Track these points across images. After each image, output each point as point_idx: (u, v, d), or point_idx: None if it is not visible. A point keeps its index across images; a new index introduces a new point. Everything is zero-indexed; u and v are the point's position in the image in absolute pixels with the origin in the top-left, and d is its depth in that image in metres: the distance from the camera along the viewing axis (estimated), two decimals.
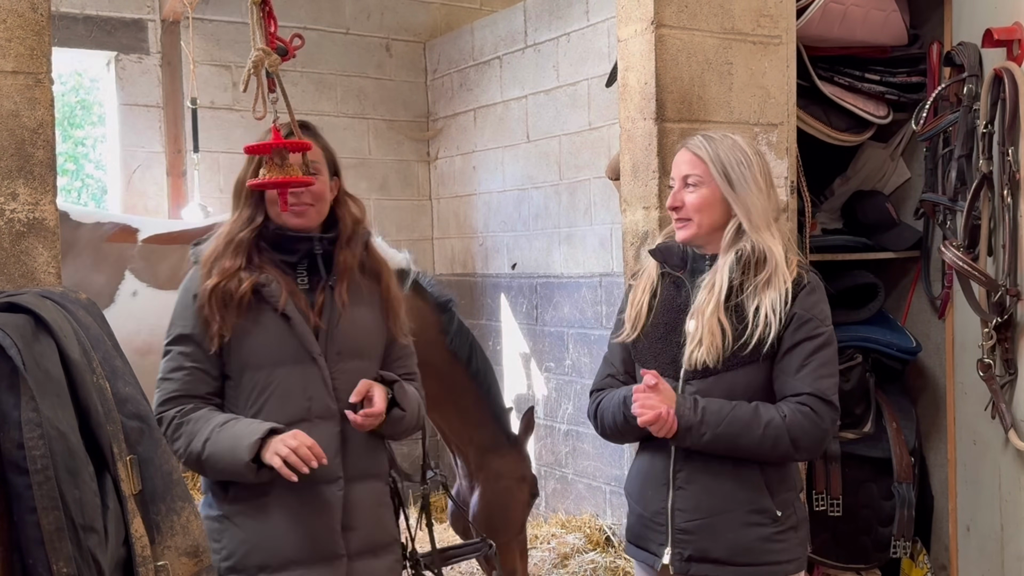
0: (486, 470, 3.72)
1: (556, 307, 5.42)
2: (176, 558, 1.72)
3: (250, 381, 2.21)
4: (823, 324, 2.26)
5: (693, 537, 2.24)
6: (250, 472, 2.08)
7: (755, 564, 2.22)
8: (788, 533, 2.27)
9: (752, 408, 2.20)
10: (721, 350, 2.21)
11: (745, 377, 2.24)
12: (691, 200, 2.29)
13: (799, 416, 2.19)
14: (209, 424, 2.13)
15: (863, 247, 3.46)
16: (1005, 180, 2.89)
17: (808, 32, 3.17)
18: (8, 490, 1.53)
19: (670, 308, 2.34)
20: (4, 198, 2.10)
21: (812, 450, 2.27)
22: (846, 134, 3.38)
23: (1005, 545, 3.07)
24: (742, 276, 2.25)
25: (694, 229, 2.30)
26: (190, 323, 2.22)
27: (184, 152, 5.58)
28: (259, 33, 2.15)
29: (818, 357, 2.22)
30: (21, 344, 1.56)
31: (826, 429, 2.22)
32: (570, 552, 4.75)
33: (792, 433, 2.18)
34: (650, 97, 2.83)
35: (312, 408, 2.21)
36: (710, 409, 2.19)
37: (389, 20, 6.40)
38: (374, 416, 2.20)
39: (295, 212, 2.22)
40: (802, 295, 2.25)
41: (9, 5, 2.10)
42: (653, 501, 2.30)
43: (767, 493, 2.24)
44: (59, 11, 5.21)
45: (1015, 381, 2.91)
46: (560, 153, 5.38)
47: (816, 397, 2.20)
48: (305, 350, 2.20)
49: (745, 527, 2.22)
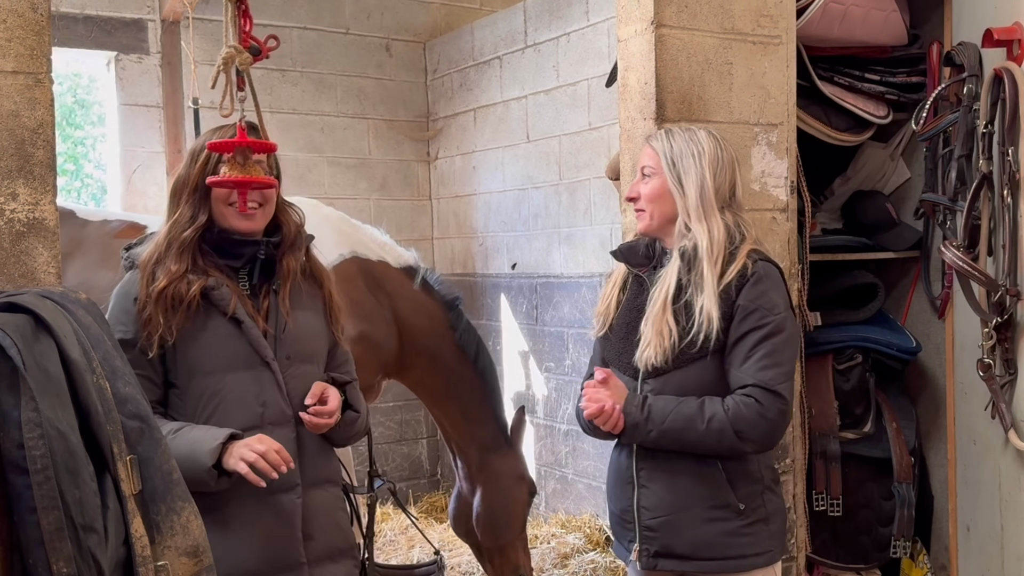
0: (487, 470, 3.73)
1: (556, 307, 5.42)
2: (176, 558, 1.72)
3: (199, 387, 2.14)
4: (770, 313, 2.22)
5: (657, 534, 2.27)
6: (211, 479, 2.01)
7: (720, 558, 2.25)
8: (756, 526, 2.27)
9: (698, 404, 2.21)
10: (668, 350, 2.22)
11: (696, 373, 2.24)
12: (644, 191, 2.34)
13: (742, 408, 2.18)
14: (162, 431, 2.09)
15: (863, 247, 3.46)
16: (1005, 180, 2.89)
17: (808, 32, 3.17)
18: (8, 490, 1.53)
19: (631, 308, 2.36)
20: (4, 198, 2.10)
21: (761, 441, 2.24)
22: (846, 134, 3.38)
23: (1005, 545, 3.07)
24: (689, 273, 2.25)
25: (647, 220, 2.34)
26: (131, 328, 2.14)
27: (184, 152, 5.57)
28: (232, 30, 2.15)
29: (763, 347, 2.20)
30: (21, 344, 1.56)
31: (772, 419, 2.20)
32: (570, 552, 4.75)
33: (736, 426, 2.18)
34: (650, 97, 2.83)
35: (266, 414, 2.16)
36: (656, 407, 2.21)
37: (389, 20, 6.40)
38: (328, 415, 2.16)
39: (245, 215, 2.18)
40: (747, 287, 2.22)
41: (9, 5, 2.10)
42: (621, 499, 2.35)
43: (728, 488, 2.25)
44: (59, 11, 5.21)
45: (1015, 381, 2.91)
46: (560, 153, 5.38)
47: (759, 387, 2.19)
48: (257, 355, 2.15)
49: (707, 522, 2.25)
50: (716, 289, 2.22)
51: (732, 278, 2.22)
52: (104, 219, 4.00)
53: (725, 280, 2.22)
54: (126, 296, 2.19)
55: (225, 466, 2.02)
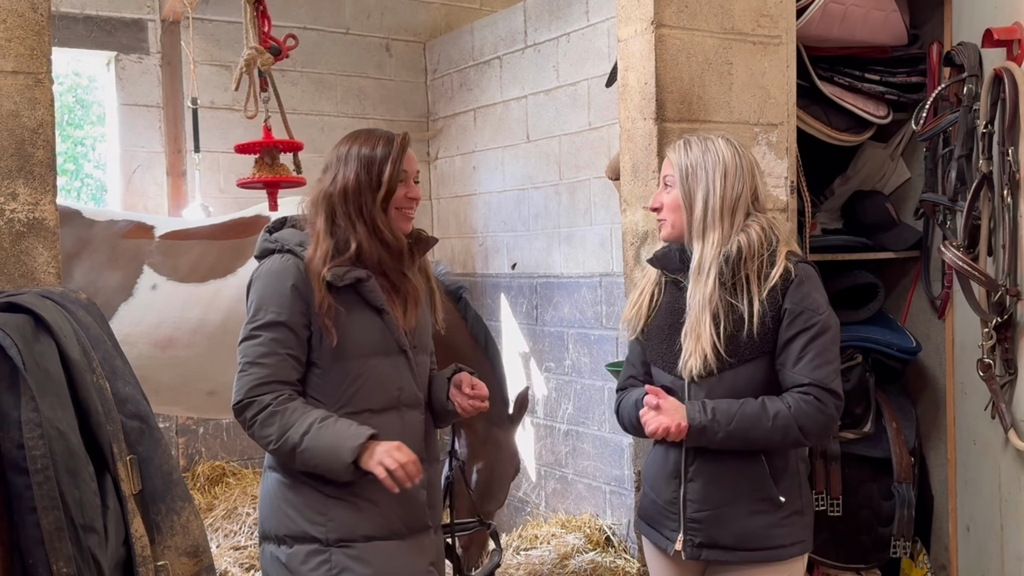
0: (491, 443, 3.92)
1: (556, 307, 5.42)
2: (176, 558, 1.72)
3: (343, 369, 2.29)
4: (816, 313, 2.32)
5: (703, 526, 2.36)
6: (348, 473, 2.18)
7: (761, 548, 2.35)
8: (793, 518, 2.37)
9: (759, 403, 2.29)
10: (712, 357, 2.30)
11: (745, 374, 2.33)
12: (666, 201, 2.42)
13: (804, 405, 2.28)
14: (307, 418, 2.20)
15: (863, 247, 3.46)
16: (1005, 180, 2.89)
17: (808, 32, 3.17)
18: (8, 490, 1.53)
19: (672, 310, 2.42)
20: (4, 198, 2.10)
21: (820, 435, 2.41)
22: (846, 134, 3.38)
23: (1005, 545, 3.07)
24: (733, 274, 2.32)
25: (669, 228, 2.42)
26: (285, 310, 2.25)
27: (184, 152, 5.58)
28: (252, 32, 2.17)
29: (814, 347, 2.30)
30: (21, 344, 1.56)
31: (831, 415, 2.32)
32: (570, 552, 4.75)
33: (799, 422, 2.28)
34: (650, 97, 2.83)
35: (402, 397, 2.34)
36: (720, 409, 2.28)
37: (389, 20, 6.40)
38: (483, 399, 2.41)
39: (408, 216, 2.37)
40: (791, 290, 2.32)
41: (9, 5, 2.10)
42: (666, 491, 2.42)
43: (771, 482, 2.35)
44: (59, 11, 5.21)
45: (1015, 381, 2.91)
46: (560, 153, 5.38)
47: (817, 386, 2.29)
48: (396, 343, 2.32)
49: (751, 515, 2.34)
50: (757, 292, 2.30)
51: (776, 281, 2.31)
52: (111, 219, 4.01)
53: (770, 283, 2.30)
54: (280, 279, 2.28)
55: (364, 465, 2.18)
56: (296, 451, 2.18)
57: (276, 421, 2.20)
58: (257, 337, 2.26)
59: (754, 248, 2.31)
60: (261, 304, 2.28)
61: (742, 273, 2.31)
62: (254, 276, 2.34)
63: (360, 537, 2.26)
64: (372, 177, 2.31)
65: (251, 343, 2.26)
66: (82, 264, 3.80)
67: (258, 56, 2.12)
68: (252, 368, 2.24)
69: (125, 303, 3.79)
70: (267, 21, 2.19)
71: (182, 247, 3.96)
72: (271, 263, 2.33)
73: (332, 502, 2.26)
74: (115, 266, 3.86)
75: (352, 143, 2.37)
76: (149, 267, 3.87)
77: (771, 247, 2.34)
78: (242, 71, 2.12)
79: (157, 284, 3.85)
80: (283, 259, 2.31)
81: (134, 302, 3.82)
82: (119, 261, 3.87)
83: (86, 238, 3.85)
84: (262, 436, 2.21)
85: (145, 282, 3.86)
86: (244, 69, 2.12)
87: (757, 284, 2.31)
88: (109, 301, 3.74)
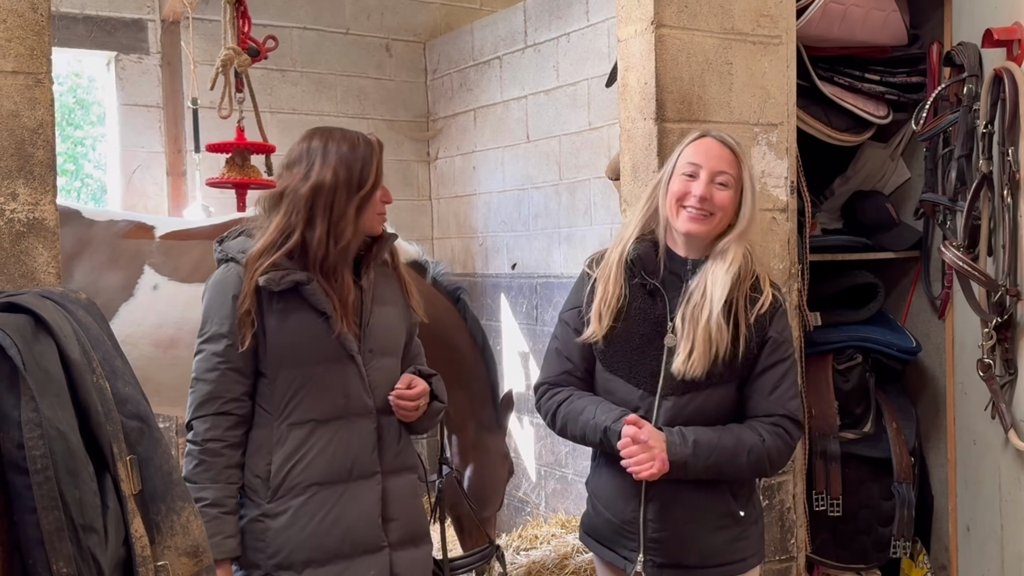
0: (480, 447, 3.92)
1: (556, 307, 5.40)
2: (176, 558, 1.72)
3: (286, 378, 2.23)
4: (790, 345, 2.35)
5: (664, 546, 2.30)
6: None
7: (723, 564, 2.32)
8: (750, 529, 2.37)
9: (734, 435, 2.25)
10: (711, 362, 2.22)
11: (718, 395, 2.28)
12: (720, 198, 2.26)
13: (775, 439, 2.28)
14: (204, 492, 2.17)
15: (863, 247, 3.46)
16: (1005, 180, 2.89)
17: (808, 32, 3.16)
18: (8, 490, 1.53)
19: (647, 319, 2.30)
20: (4, 198, 2.10)
21: (782, 465, 2.41)
22: (846, 134, 3.38)
23: (1005, 545, 3.07)
24: (730, 293, 2.25)
25: (708, 226, 2.26)
26: (227, 322, 2.21)
27: (184, 152, 5.58)
28: (231, 32, 2.16)
29: (788, 378, 2.31)
30: (21, 344, 1.56)
31: (793, 447, 2.33)
32: (570, 552, 4.75)
33: (770, 455, 2.28)
34: (650, 97, 2.83)
35: (349, 405, 2.25)
36: (700, 442, 2.22)
37: (389, 20, 6.40)
38: (411, 399, 2.28)
39: (384, 219, 2.31)
40: (777, 317, 2.31)
41: (9, 5, 2.10)
42: (624, 511, 2.34)
43: (731, 497, 2.33)
44: (59, 11, 5.22)
45: (1015, 381, 2.91)
46: (560, 153, 5.38)
47: (789, 419, 2.29)
48: (343, 348, 2.24)
49: (713, 532, 2.31)
50: (761, 315, 2.28)
51: (767, 309, 2.28)
52: (111, 219, 4.01)
53: (761, 309, 2.27)
54: (223, 291, 2.25)
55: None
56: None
57: (199, 467, 2.18)
58: (202, 352, 2.24)
59: (744, 273, 2.27)
60: (206, 317, 2.25)
61: (733, 296, 2.25)
62: (204, 288, 2.31)
63: (299, 563, 2.19)
64: (353, 176, 2.23)
65: (197, 358, 2.24)
66: (82, 264, 3.80)
67: (235, 57, 2.12)
68: (197, 384, 2.23)
69: (126, 303, 3.79)
70: (247, 21, 2.18)
71: (183, 247, 3.96)
72: (216, 274, 2.29)
73: (269, 525, 2.21)
74: (116, 266, 3.86)
75: (327, 140, 2.26)
76: (150, 267, 3.88)
77: (754, 274, 2.31)
78: (218, 71, 2.11)
79: (158, 284, 3.86)
80: (226, 269, 2.27)
81: (135, 302, 3.82)
82: (120, 261, 3.88)
83: (86, 238, 3.85)
84: (186, 465, 2.20)
85: (146, 282, 3.86)
86: (220, 69, 2.11)
87: (745, 310, 2.26)
88: (110, 301, 3.74)
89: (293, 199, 2.22)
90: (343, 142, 2.26)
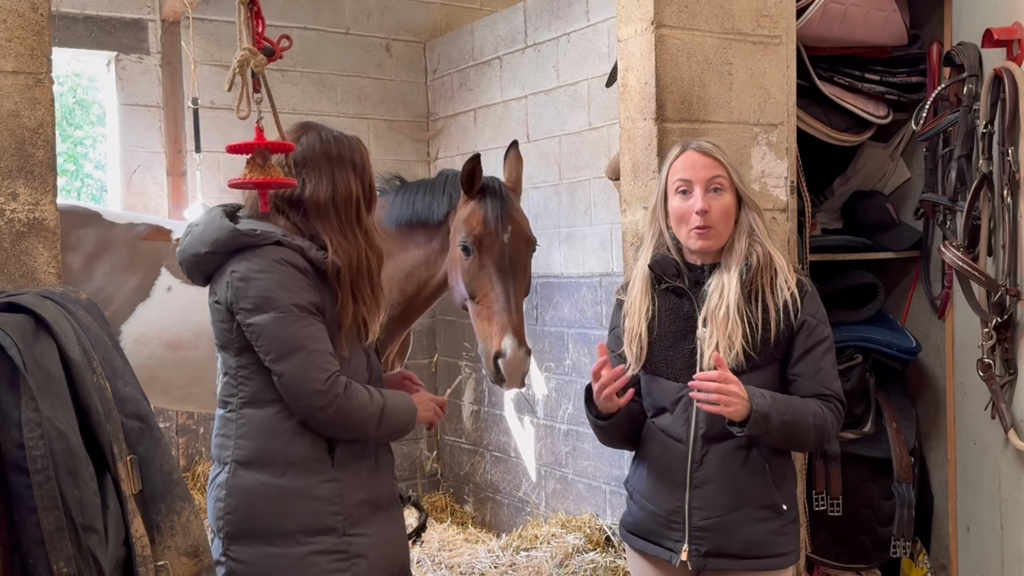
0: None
1: (556, 307, 5.41)
2: (176, 558, 1.72)
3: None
4: (826, 326, 2.38)
5: (710, 534, 2.32)
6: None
7: (765, 556, 2.33)
8: (790, 526, 2.38)
9: (799, 400, 2.30)
10: (738, 353, 2.27)
11: (755, 381, 2.30)
12: (719, 205, 2.31)
13: (829, 412, 2.31)
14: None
15: (863, 247, 3.46)
16: (1005, 180, 2.89)
17: (808, 32, 3.16)
18: (8, 490, 1.53)
19: (677, 316, 2.38)
20: (4, 198, 2.10)
21: (833, 440, 2.50)
22: (846, 134, 3.38)
23: (1005, 545, 3.07)
24: (750, 283, 2.31)
25: (715, 240, 2.33)
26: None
27: (184, 152, 5.57)
28: (245, 32, 2.15)
29: (828, 358, 2.35)
30: (21, 344, 1.56)
31: (840, 426, 2.38)
32: (570, 552, 4.75)
33: (829, 425, 2.31)
34: (650, 97, 2.83)
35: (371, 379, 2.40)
36: (777, 398, 2.26)
37: (389, 20, 6.40)
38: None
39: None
40: (806, 301, 2.34)
41: (9, 5, 2.10)
42: (668, 501, 2.36)
43: (775, 488, 2.34)
44: (59, 11, 5.21)
45: (1015, 381, 2.91)
46: (560, 153, 5.37)
47: (837, 398, 2.34)
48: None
49: (757, 522, 2.32)
50: (790, 299, 2.31)
51: (792, 291, 2.32)
52: (130, 222, 4.10)
53: (785, 294, 2.31)
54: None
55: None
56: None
57: (362, 396, 2.24)
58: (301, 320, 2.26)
59: (763, 261, 2.32)
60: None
61: (758, 283, 2.31)
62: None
63: (365, 519, 2.26)
64: (365, 186, 2.31)
65: (296, 326, 2.23)
66: (103, 265, 3.89)
67: (251, 57, 2.11)
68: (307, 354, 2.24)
69: (142, 303, 3.87)
70: (261, 22, 2.18)
71: None
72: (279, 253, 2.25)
73: (337, 486, 2.24)
74: (135, 266, 3.93)
75: (335, 145, 2.35)
76: (167, 269, 3.95)
77: (771, 261, 2.35)
78: (235, 72, 2.10)
79: (172, 286, 3.92)
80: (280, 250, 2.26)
81: (151, 303, 3.90)
82: (139, 262, 3.95)
83: (107, 239, 3.93)
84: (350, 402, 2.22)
85: (162, 284, 3.94)
86: (237, 70, 2.10)
87: (772, 295, 2.31)
88: (128, 301, 3.83)
89: (326, 207, 2.34)
90: (346, 148, 2.39)
